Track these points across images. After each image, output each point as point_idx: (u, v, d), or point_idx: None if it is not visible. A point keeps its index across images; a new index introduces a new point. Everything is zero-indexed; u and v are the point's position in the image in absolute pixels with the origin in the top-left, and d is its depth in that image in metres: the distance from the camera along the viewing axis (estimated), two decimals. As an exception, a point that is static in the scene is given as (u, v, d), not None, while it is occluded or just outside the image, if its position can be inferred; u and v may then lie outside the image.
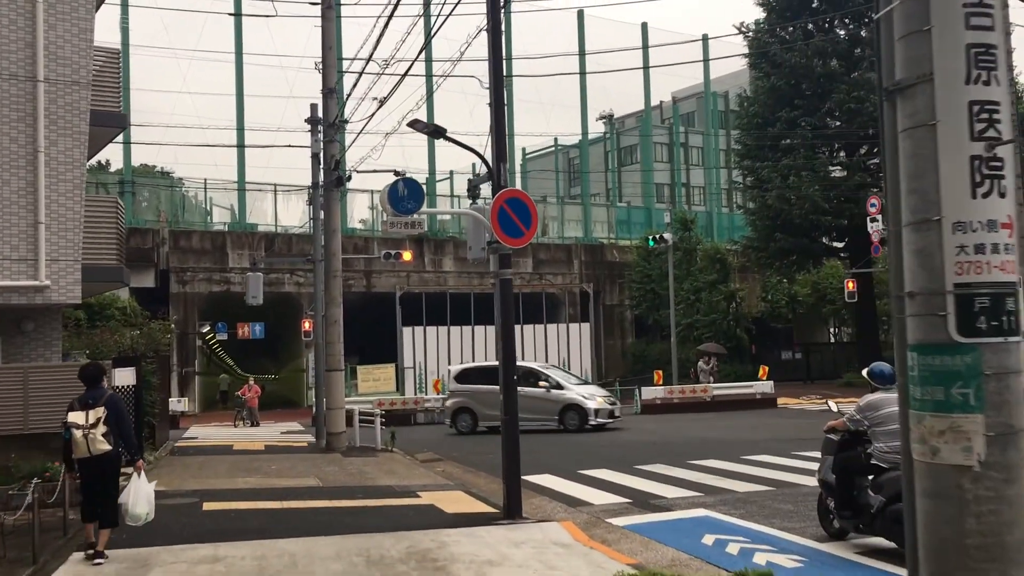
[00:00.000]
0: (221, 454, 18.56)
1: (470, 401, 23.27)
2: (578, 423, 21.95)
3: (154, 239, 36.44)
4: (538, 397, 22.12)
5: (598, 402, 22.38)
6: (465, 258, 43.27)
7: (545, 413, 22.16)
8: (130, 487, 8.19)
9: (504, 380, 10.16)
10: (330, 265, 19.33)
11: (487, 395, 21.91)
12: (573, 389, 22.57)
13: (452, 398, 23.94)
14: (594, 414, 22.02)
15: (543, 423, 22.05)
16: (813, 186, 31.22)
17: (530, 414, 21.37)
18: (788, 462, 14.69)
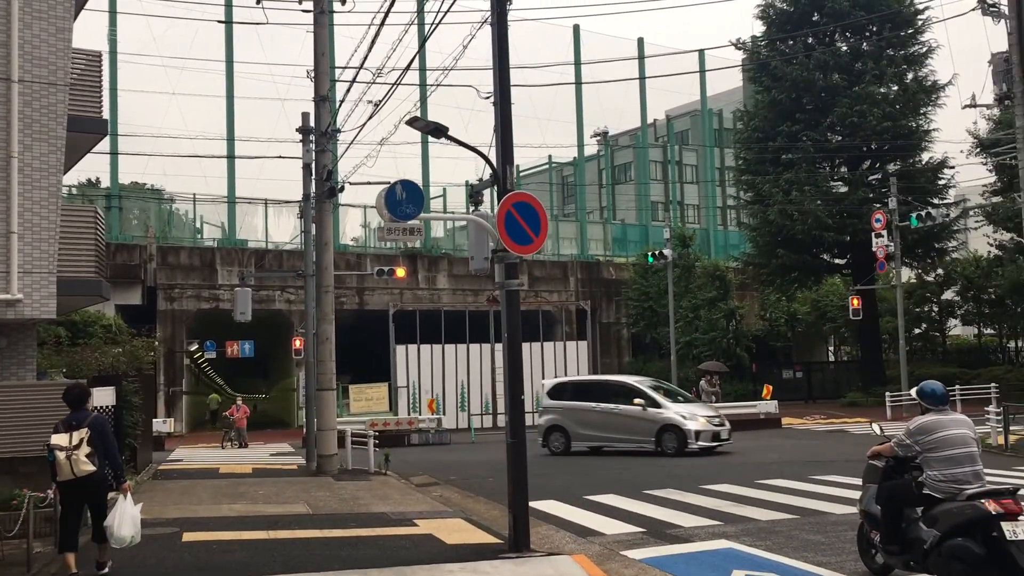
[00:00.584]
0: (206, 478, 17.66)
1: (563, 419, 21.47)
2: (676, 446, 19.67)
3: (141, 255, 35.59)
4: (633, 416, 20.25)
5: (700, 423, 19.94)
6: (459, 275, 42.73)
7: (641, 434, 20.22)
8: (115, 509, 8.08)
9: (510, 398, 9.35)
10: (321, 280, 18.52)
11: (581, 412, 21.01)
12: (671, 408, 20.27)
13: (545, 415, 22.15)
14: (694, 436, 19.63)
15: (639, 444, 20.19)
16: (816, 201, 30.56)
17: (624, 434, 20.32)
18: (806, 487, 13.89)
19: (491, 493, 14.78)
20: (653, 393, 20.71)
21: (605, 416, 20.72)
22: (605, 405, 20.82)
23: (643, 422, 20.15)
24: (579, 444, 21.15)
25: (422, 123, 8.91)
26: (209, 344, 36.67)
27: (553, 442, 21.54)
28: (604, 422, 20.72)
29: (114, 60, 35.55)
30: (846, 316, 40.06)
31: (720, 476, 15.46)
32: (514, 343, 9.37)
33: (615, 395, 20.99)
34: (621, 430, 20.43)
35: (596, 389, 21.73)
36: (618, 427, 20.47)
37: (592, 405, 20.93)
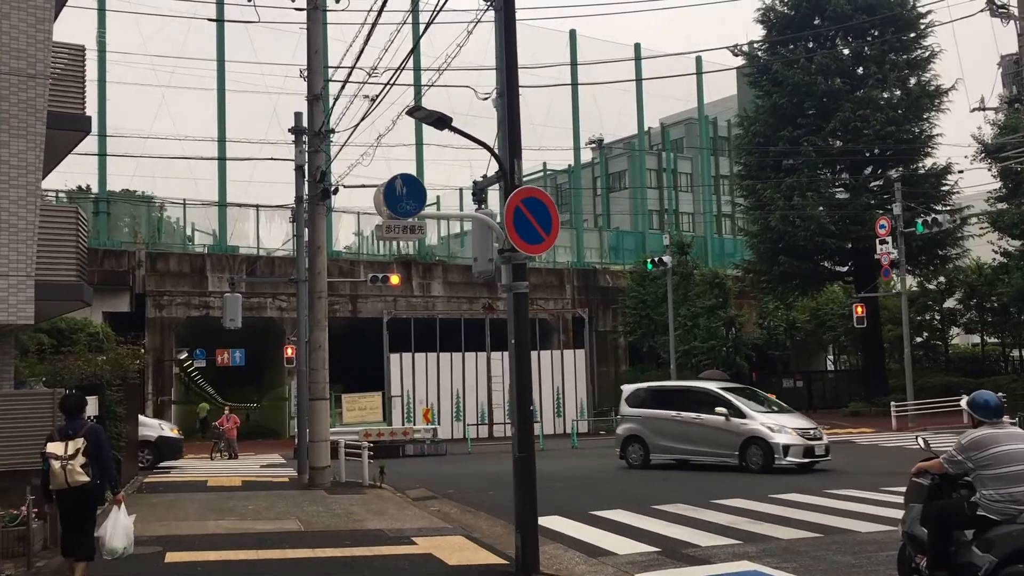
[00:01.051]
0: (193, 491, 16.93)
1: (641, 428, 19.64)
2: (761, 462, 17.46)
3: (130, 261, 34.84)
4: (715, 427, 18.23)
5: (789, 436, 17.56)
6: (454, 282, 42.07)
7: (723, 447, 18.17)
8: (108, 520, 8.02)
9: (518, 408, 8.70)
10: (315, 285, 17.85)
11: (660, 422, 19.24)
12: (756, 418, 17.99)
13: (622, 424, 20.38)
14: (782, 451, 17.31)
15: (721, 458, 18.20)
16: (818, 207, 30.01)
17: (705, 447, 18.41)
18: (823, 501, 13.26)
19: (492, 508, 14.13)
20: (738, 401, 18.51)
21: (685, 426, 18.84)
22: (686, 414, 18.91)
23: (725, 434, 18.08)
24: (658, 456, 19.32)
25: (424, 112, 8.28)
26: (199, 352, 35.93)
27: (631, 454, 19.76)
28: (684, 433, 18.84)
29: (103, 62, 34.89)
30: (846, 324, 39.57)
31: (731, 490, 14.82)
32: (522, 349, 8.73)
33: (698, 403, 18.96)
34: (702, 442, 18.49)
35: (677, 396, 19.85)
36: (699, 439, 18.56)
37: (672, 414, 19.15)
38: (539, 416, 34.18)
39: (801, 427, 18.06)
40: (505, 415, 34.24)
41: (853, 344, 40.95)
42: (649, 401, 19.96)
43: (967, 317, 37.06)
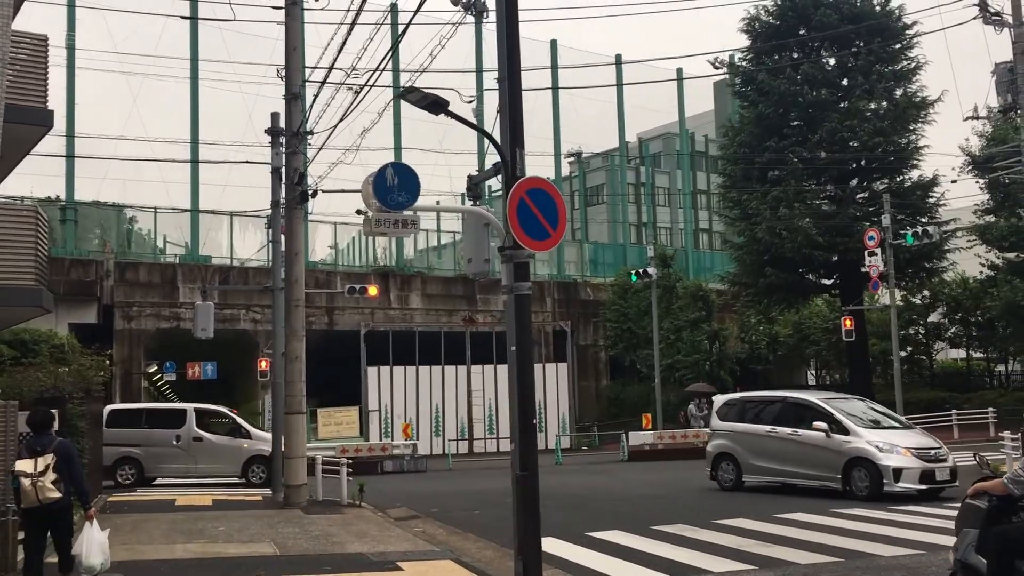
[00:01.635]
0: (160, 511, 15.92)
1: (733, 445, 17.27)
2: (868, 487, 14.80)
3: (97, 271, 33.67)
4: (814, 445, 15.66)
5: (902, 457, 14.76)
6: (433, 294, 41.20)
7: (824, 468, 15.55)
8: (82, 537, 7.97)
9: (521, 422, 7.90)
10: (291, 294, 16.98)
11: (754, 438, 16.81)
12: (862, 435, 15.23)
13: (713, 439, 18.05)
14: (892, 475, 14.58)
15: (822, 481, 15.63)
16: (805, 218, 29.50)
17: (804, 467, 15.87)
18: (833, 522, 12.53)
19: (480, 529, 13.32)
20: (840, 414, 15.81)
21: (782, 443, 16.34)
22: (783, 429, 16.39)
23: (826, 453, 15.48)
24: (753, 478, 16.92)
25: (419, 95, 7.49)
26: (169, 365, 34.79)
27: (722, 474, 17.43)
28: (781, 451, 16.36)
29: (72, 64, 33.85)
30: (830, 339, 39.14)
31: (731, 509, 14.07)
32: (524, 357, 7.93)
33: (796, 416, 16.47)
34: (800, 462, 15.99)
35: (774, 408, 17.21)
36: (796, 458, 16.09)
37: (767, 429, 16.70)
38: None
39: (919, 446, 15.18)
40: (485, 430, 33.42)
41: (836, 358, 40.47)
42: (743, 414, 17.59)
43: (952, 332, 36.67)
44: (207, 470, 21.75)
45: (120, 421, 22.35)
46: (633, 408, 41.19)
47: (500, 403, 33.55)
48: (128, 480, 21.78)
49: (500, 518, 14.55)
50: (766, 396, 18.62)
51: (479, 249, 8.29)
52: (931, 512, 13.17)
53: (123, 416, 22.90)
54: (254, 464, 21.65)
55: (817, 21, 31.56)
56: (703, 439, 26.80)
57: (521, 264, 7.93)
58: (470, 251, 8.41)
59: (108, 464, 21.64)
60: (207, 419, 22.88)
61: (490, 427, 33.40)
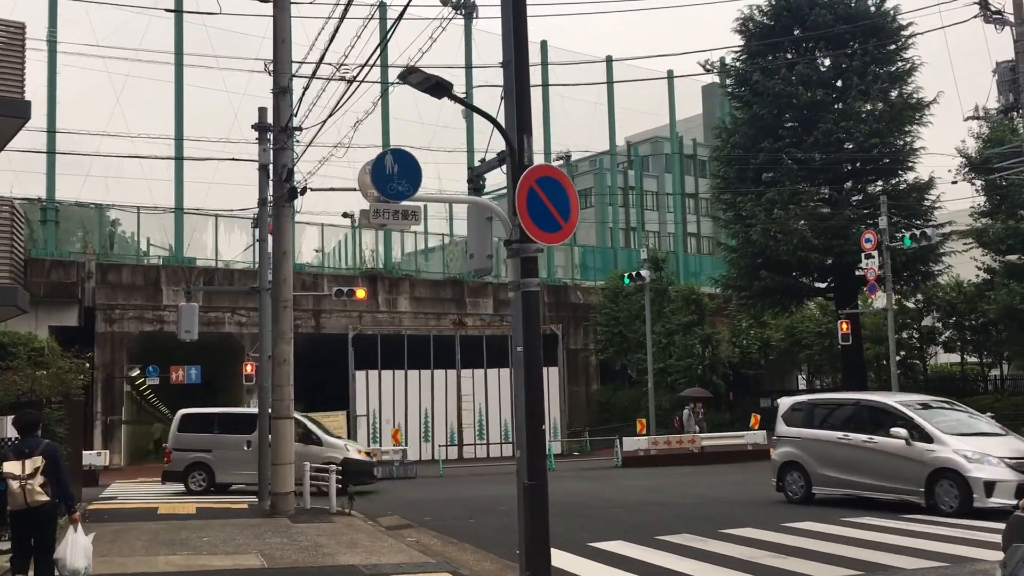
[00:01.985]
0: (142, 519, 15.28)
1: (801, 453, 15.58)
2: (956, 503, 13.16)
3: (79, 273, 32.95)
4: (892, 453, 13.99)
5: (994, 468, 13.07)
6: (421, 297, 40.60)
7: (904, 480, 13.85)
8: (66, 540, 7.92)
9: (529, 428, 7.37)
10: (279, 294, 16.39)
11: (824, 445, 15.16)
12: (948, 443, 13.56)
13: (779, 446, 16.25)
14: (983, 488, 12.91)
15: (901, 495, 13.92)
16: (800, 220, 29.10)
17: (880, 479, 14.21)
18: (846, 531, 12.04)
19: (477, 539, 12.78)
20: (923, 419, 14.14)
21: (855, 451, 14.64)
22: (856, 436, 14.71)
23: (906, 463, 13.74)
24: (824, 489, 15.19)
25: (420, 76, 6.96)
26: (152, 369, 34.06)
27: (789, 485, 15.75)
28: (854, 460, 14.64)
29: (53, 61, 33.15)
30: (823, 343, 38.77)
31: (738, 518, 13.57)
32: (533, 358, 7.40)
33: (872, 421, 14.83)
34: (877, 473, 14.24)
35: (846, 412, 15.59)
36: (873, 468, 14.35)
37: (838, 435, 15.03)
38: (512, 437, 32.85)
39: (1016, 455, 13.38)
40: (476, 435, 32.86)
41: (830, 363, 40.12)
42: (811, 418, 15.95)
43: (946, 336, 36.36)
44: None
45: (191, 426, 21.87)
46: (624, 413, 40.72)
47: (490, 408, 33.06)
48: (200, 487, 21.09)
49: (496, 527, 14.03)
50: (837, 399, 17.16)
51: (482, 244, 7.78)
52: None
53: (194, 421, 22.31)
54: None
55: (812, 21, 31.21)
56: (697, 445, 26.42)
57: (529, 259, 7.42)
58: (472, 246, 7.90)
59: (179, 470, 21.32)
60: None
61: (480, 432, 32.85)
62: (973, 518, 12.61)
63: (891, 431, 14.03)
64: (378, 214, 7.03)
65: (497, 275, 43.68)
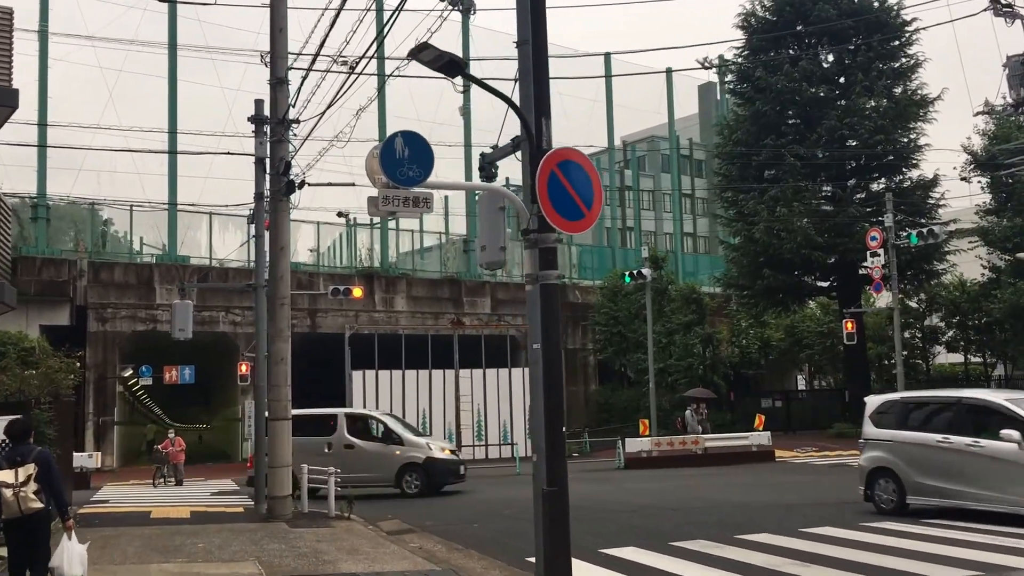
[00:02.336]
0: (134, 524, 14.79)
1: (892, 457, 13.75)
2: None
3: (70, 271, 32.40)
4: (1003, 459, 12.25)
5: None
6: (418, 297, 40.10)
7: (1016, 490, 12.05)
8: (61, 548, 7.87)
9: (548, 429, 6.90)
10: (276, 291, 15.90)
11: (921, 450, 13.35)
12: None
13: (867, 450, 14.34)
14: None
15: (1014, 507, 12.09)
16: (803, 218, 28.67)
17: (987, 488, 12.40)
18: (868, 537, 11.58)
19: (482, 544, 12.30)
20: None
21: (957, 457, 12.86)
22: (958, 439, 12.88)
23: (1019, 469, 12.02)
24: (920, 499, 13.32)
25: (432, 53, 6.49)
26: (145, 369, 33.52)
27: (879, 493, 13.85)
28: (955, 466, 12.86)
29: (44, 52, 32.59)
30: (824, 342, 38.39)
31: (752, 522, 13.11)
32: (552, 356, 6.95)
33: (976, 423, 13.06)
34: (983, 481, 12.44)
35: (945, 412, 13.74)
36: (978, 476, 12.54)
37: (936, 438, 13.23)
38: (511, 438, 32.39)
39: None
40: (474, 436, 32.36)
41: (831, 363, 39.74)
42: (904, 418, 14.13)
43: (949, 335, 35.97)
44: (359, 479, 19.22)
45: None
46: (623, 414, 40.26)
47: (488, 408, 32.59)
48: None
49: (502, 532, 13.55)
50: (934, 397, 15.32)
51: (494, 235, 7.33)
52: None
53: None
54: (408, 472, 19.67)
55: (815, 16, 30.81)
56: (701, 446, 25.96)
57: (548, 250, 6.97)
58: (484, 237, 7.43)
59: None
60: (358, 424, 21.02)
61: (479, 433, 32.37)
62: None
63: (1001, 434, 12.27)
64: (387, 201, 6.56)
65: (494, 274, 43.35)
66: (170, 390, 47.25)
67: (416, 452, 19.87)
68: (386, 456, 19.92)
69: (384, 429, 20.57)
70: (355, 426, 20.74)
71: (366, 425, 21.17)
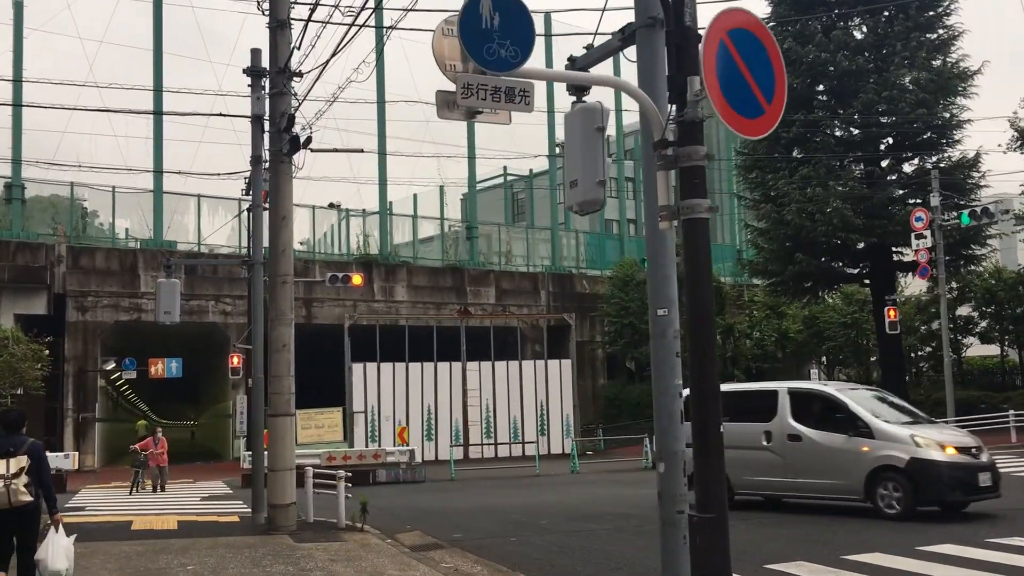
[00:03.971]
0: (113, 538, 12.57)
1: None
2: None
3: (48, 256, 30.11)
4: None
5: None
6: (420, 286, 37.90)
7: None
8: (47, 542, 7.75)
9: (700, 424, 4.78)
10: (277, 267, 13.73)
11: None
12: None
13: None
14: None
15: None
16: (837, 199, 26.62)
17: None
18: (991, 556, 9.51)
19: (528, 566, 10.20)
20: None
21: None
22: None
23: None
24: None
25: None
26: (129, 362, 31.25)
27: None
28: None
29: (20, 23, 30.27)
30: (847, 334, 36.35)
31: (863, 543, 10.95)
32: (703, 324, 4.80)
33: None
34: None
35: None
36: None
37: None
38: (521, 436, 30.30)
39: None
40: (483, 434, 30.25)
41: (854, 355, 37.75)
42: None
43: (983, 326, 33.98)
44: (809, 485, 13.35)
45: None
46: (634, 409, 38.23)
47: (498, 404, 30.48)
48: None
49: (548, 548, 11.44)
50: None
51: (590, 165, 5.21)
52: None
53: None
54: (884, 480, 12.51)
55: (847, -17, 28.74)
56: (736, 443, 23.90)
57: (694, 169, 4.82)
58: (575, 169, 5.28)
59: None
60: (807, 404, 13.89)
61: (487, 431, 30.22)
62: None
63: None
64: (469, 92, 4.42)
65: (498, 263, 41.23)
66: (156, 385, 45.01)
67: (895, 450, 12.48)
68: (849, 454, 12.90)
69: (844, 414, 13.23)
70: (802, 407, 13.86)
71: (822, 406, 13.84)
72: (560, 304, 40.17)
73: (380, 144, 37.08)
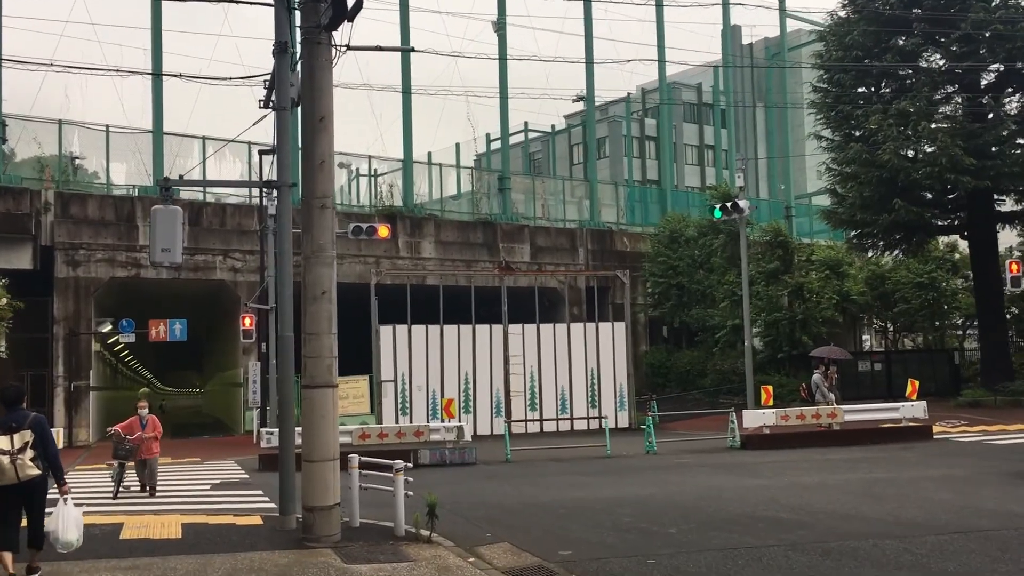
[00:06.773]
0: (91, 555, 8.99)
1: None
2: None
3: (33, 203, 26.56)
4: None
5: None
6: (448, 241, 34.16)
7: None
8: (57, 513, 7.81)
9: None
10: (313, 187, 10.14)
11: None
12: None
13: None
14: None
15: None
16: (947, 137, 22.89)
17: None
18: None
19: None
20: None
21: None
22: None
23: None
24: None
25: None
26: (126, 324, 27.75)
27: None
28: None
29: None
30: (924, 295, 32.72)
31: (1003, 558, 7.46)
32: None
33: None
34: None
35: None
36: None
37: None
38: (569, 408, 26.82)
39: None
40: (527, 407, 26.78)
41: (928, 319, 34.12)
42: None
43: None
44: None
45: None
46: (683, 378, 34.86)
47: (544, 372, 26.96)
48: None
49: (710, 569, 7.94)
50: None
51: None
52: None
53: None
54: None
55: None
56: (839, 420, 20.42)
57: None
58: None
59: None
60: None
61: (532, 403, 26.73)
62: None
63: None
64: None
65: (533, 217, 37.64)
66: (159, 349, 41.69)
67: None
68: None
69: None
70: None
71: None
72: (599, 263, 36.65)
73: (404, 82, 33.36)
